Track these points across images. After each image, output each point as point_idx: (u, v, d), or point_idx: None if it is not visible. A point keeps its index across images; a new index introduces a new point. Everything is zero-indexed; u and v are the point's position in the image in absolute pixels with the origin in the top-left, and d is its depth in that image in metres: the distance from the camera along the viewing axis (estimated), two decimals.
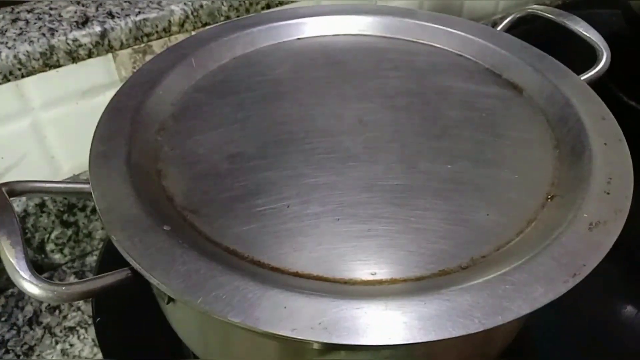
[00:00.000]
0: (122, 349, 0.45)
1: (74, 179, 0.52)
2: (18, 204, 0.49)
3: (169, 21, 0.50)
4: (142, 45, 0.49)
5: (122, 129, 0.32)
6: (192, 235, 0.28)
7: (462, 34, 0.43)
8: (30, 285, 0.23)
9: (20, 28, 0.46)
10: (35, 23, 0.46)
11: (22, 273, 0.24)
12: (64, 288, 0.23)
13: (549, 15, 0.46)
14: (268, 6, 0.55)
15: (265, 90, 0.38)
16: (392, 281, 0.26)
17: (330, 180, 0.31)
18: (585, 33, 0.44)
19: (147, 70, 0.38)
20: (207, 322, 0.28)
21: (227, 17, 0.53)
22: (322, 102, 0.37)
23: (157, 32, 0.49)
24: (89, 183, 0.30)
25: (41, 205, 0.50)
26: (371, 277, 0.26)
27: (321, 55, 0.41)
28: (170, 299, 0.28)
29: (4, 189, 0.28)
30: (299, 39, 0.43)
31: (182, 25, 0.50)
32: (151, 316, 0.35)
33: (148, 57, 0.50)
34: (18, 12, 0.48)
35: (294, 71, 0.40)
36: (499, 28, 0.48)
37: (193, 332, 0.32)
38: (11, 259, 0.24)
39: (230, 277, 0.24)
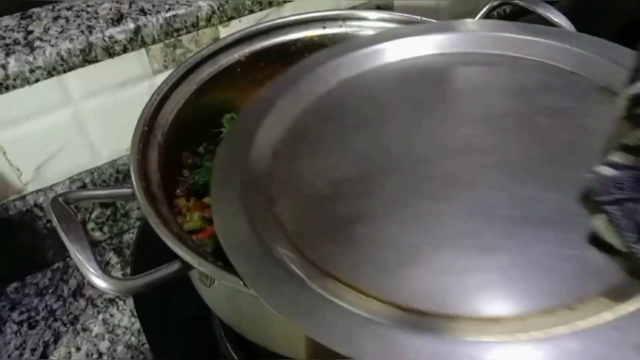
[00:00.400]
0: (158, 319, 0.50)
1: (112, 164, 0.56)
2: (62, 187, 0.54)
3: (197, 16, 0.53)
4: (172, 39, 0.53)
5: (238, 156, 0.34)
6: (299, 260, 0.28)
7: (575, 49, 0.39)
8: (101, 282, 0.28)
9: (62, 26, 0.49)
10: (74, 21, 0.50)
11: (93, 271, 0.28)
12: (129, 282, 0.28)
13: (522, 3, 0.47)
14: None
15: (369, 114, 0.38)
16: (509, 319, 0.25)
17: (431, 208, 0.30)
18: (555, 19, 0.44)
19: (261, 98, 0.40)
20: (244, 301, 0.32)
21: (251, 11, 0.56)
22: (424, 125, 0.36)
23: (186, 27, 0.53)
24: (129, 188, 0.33)
25: (82, 188, 0.54)
26: (481, 315, 0.25)
27: (421, 77, 0.40)
28: (212, 282, 0.32)
29: (60, 199, 0.31)
30: (399, 60, 0.41)
31: (209, 20, 0.54)
32: (184, 290, 0.39)
33: (178, 51, 0.54)
34: (59, 10, 0.51)
35: (395, 94, 0.39)
36: (476, 18, 0.48)
37: (229, 309, 0.36)
38: (83, 261, 0.28)
39: (339, 308, 0.25)
